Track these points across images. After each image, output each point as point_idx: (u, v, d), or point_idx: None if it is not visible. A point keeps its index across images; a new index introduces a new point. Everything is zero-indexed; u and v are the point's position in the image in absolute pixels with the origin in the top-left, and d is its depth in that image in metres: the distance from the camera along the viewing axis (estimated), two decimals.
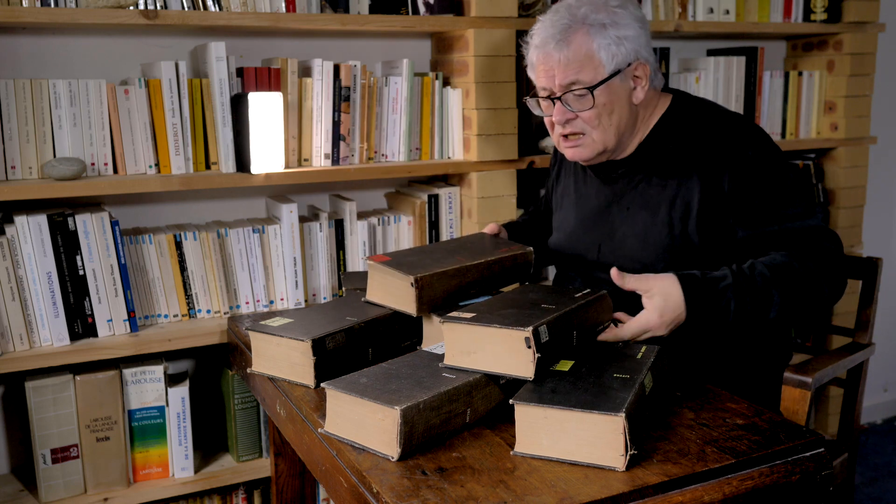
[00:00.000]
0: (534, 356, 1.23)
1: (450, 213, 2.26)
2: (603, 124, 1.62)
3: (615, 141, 1.65)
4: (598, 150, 1.65)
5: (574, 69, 1.59)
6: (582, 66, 1.59)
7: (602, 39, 1.58)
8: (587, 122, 1.62)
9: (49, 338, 1.85)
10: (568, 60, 1.59)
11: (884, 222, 3.27)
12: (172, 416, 1.95)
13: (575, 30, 1.59)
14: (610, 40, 1.59)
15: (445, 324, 1.30)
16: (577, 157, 1.68)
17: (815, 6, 2.67)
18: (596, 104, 1.60)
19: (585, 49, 1.59)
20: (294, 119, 2.06)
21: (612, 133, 1.63)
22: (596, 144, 1.64)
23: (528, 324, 1.24)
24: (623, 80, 1.61)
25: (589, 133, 1.64)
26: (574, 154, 1.67)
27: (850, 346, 1.90)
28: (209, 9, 1.92)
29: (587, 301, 1.43)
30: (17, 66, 1.96)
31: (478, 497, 1.06)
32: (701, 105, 1.71)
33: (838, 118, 2.76)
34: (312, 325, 1.50)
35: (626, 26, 1.60)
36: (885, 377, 3.38)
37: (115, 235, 1.89)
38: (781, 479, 1.16)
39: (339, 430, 1.24)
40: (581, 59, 1.59)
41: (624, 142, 1.67)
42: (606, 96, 1.60)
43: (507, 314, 1.31)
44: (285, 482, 2.04)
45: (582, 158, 1.67)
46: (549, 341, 1.26)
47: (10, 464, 2.08)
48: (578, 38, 1.59)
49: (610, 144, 1.65)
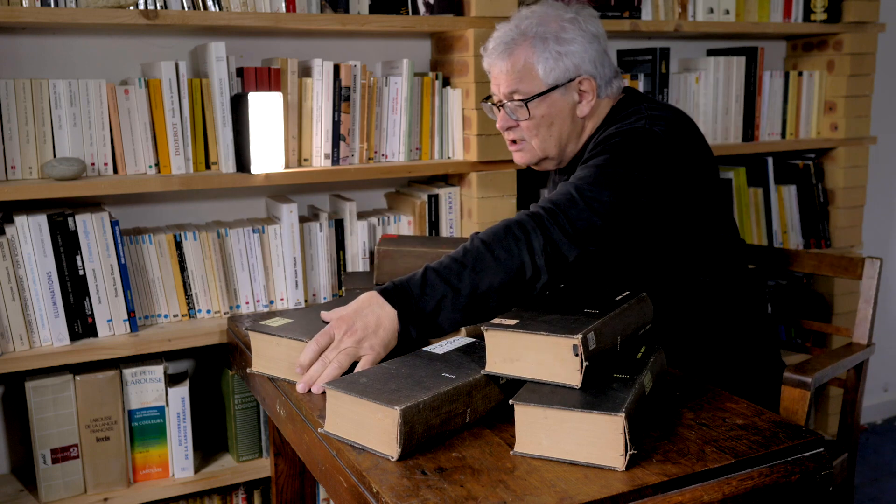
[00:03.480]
0: (581, 364, 1.19)
1: (450, 213, 2.26)
2: (541, 135, 1.66)
3: (556, 151, 1.69)
4: (539, 157, 1.70)
5: (514, 80, 1.64)
6: (521, 78, 1.63)
7: (542, 53, 1.62)
8: (526, 132, 1.67)
9: (49, 338, 1.85)
10: (510, 70, 1.64)
11: (884, 222, 3.27)
12: (172, 416, 1.95)
13: (518, 42, 1.63)
14: (549, 55, 1.62)
15: (488, 331, 1.26)
16: (519, 161, 1.75)
17: (815, 6, 2.67)
18: (532, 115, 1.64)
19: (524, 61, 1.63)
20: (294, 119, 2.06)
21: (551, 143, 1.67)
22: (535, 151, 1.69)
23: (577, 331, 1.20)
24: (565, 94, 1.64)
25: (528, 140, 1.69)
26: (517, 158, 1.74)
27: (850, 346, 1.90)
28: (209, 9, 1.92)
29: (629, 305, 1.38)
30: (17, 66, 1.96)
31: (478, 497, 1.06)
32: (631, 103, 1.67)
33: (838, 118, 2.76)
34: (312, 325, 1.50)
35: (570, 41, 1.62)
36: (885, 377, 3.39)
37: (115, 235, 1.89)
38: (781, 479, 1.16)
39: (339, 430, 1.24)
40: (520, 70, 1.63)
41: (569, 151, 1.70)
42: (545, 109, 1.64)
43: (552, 320, 1.26)
44: (285, 482, 2.04)
45: (523, 163, 1.74)
46: (596, 348, 1.22)
47: (10, 464, 2.08)
48: (520, 50, 1.63)
49: (550, 153, 1.69)
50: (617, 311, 1.33)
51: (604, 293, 1.45)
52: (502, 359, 1.26)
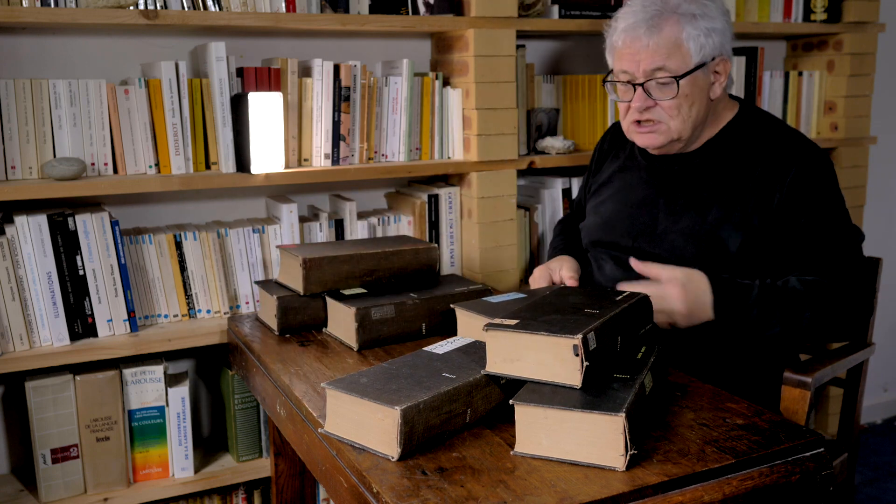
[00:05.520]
0: (582, 364, 1.18)
1: (450, 213, 2.26)
2: (682, 114, 1.62)
3: (690, 132, 1.65)
4: (672, 139, 1.66)
5: (662, 56, 1.59)
6: (670, 54, 1.59)
7: (692, 30, 1.59)
8: (666, 111, 1.63)
9: (49, 338, 1.85)
10: (657, 46, 1.59)
11: (884, 222, 3.27)
12: (172, 416, 1.95)
13: (666, 17, 1.59)
14: (699, 31, 1.59)
15: (488, 332, 1.26)
16: (648, 144, 1.68)
17: (815, 6, 2.67)
18: (679, 94, 1.60)
19: (675, 37, 1.59)
20: (294, 119, 2.06)
21: (689, 124, 1.64)
22: (671, 132, 1.65)
23: (577, 331, 1.19)
24: (705, 74, 1.62)
25: (666, 122, 1.64)
26: (646, 140, 1.68)
27: (849, 346, 1.90)
28: (209, 9, 1.92)
29: (629, 305, 1.38)
30: (17, 66, 1.96)
31: (478, 497, 1.06)
32: (767, 118, 1.72)
33: (838, 118, 2.76)
34: None
35: (714, 19, 1.61)
36: (885, 377, 3.39)
37: (115, 235, 1.89)
38: (781, 479, 1.16)
39: (339, 430, 1.24)
40: (670, 46, 1.59)
41: (695, 135, 1.68)
42: (689, 87, 1.61)
43: (552, 320, 1.26)
44: (285, 482, 2.04)
45: (654, 145, 1.68)
46: (596, 348, 1.22)
47: (10, 464, 2.08)
48: (669, 25, 1.59)
49: (685, 135, 1.65)
50: (617, 311, 1.33)
51: (604, 293, 1.45)
52: (502, 359, 1.26)
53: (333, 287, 1.76)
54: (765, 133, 1.67)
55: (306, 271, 1.73)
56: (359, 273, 1.78)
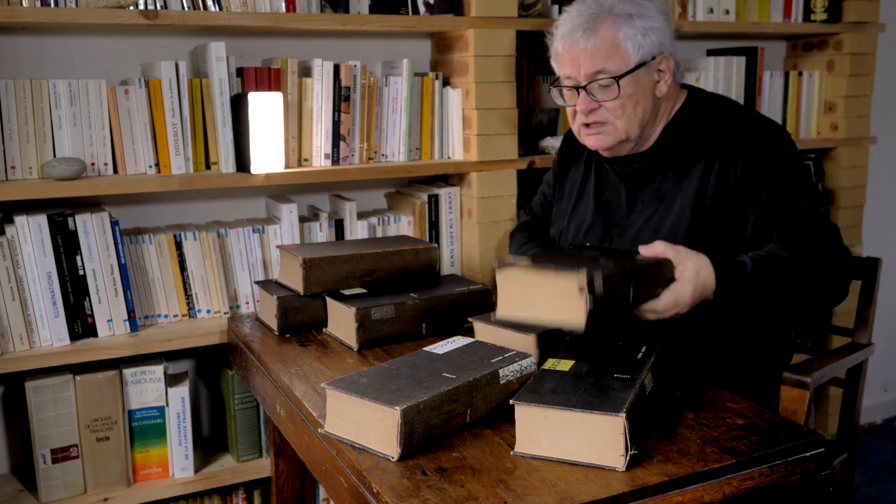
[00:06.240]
0: (586, 305, 1.17)
1: (450, 213, 2.26)
2: (627, 114, 1.63)
3: (638, 131, 1.65)
4: (620, 139, 1.66)
5: (600, 58, 1.59)
6: (608, 56, 1.59)
7: (628, 30, 1.59)
8: (611, 112, 1.63)
9: (49, 338, 1.85)
10: (594, 49, 1.60)
11: (884, 222, 3.27)
12: (172, 416, 1.95)
13: (602, 19, 1.60)
14: (636, 31, 1.59)
15: (500, 270, 1.25)
16: (598, 145, 1.68)
17: (815, 6, 2.67)
18: (621, 94, 1.60)
19: (611, 38, 1.59)
20: (294, 119, 2.06)
21: (635, 123, 1.64)
22: (619, 132, 1.65)
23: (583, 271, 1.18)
24: (647, 73, 1.62)
25: (612, 122, 1.64)
26: (595, 142, 1.68)
27: (849, 346, 1.90)
28: (209, 9, 1.92)
29: (648, 263, 1.36)
30: (17, 66, 1.96)
31: (478, 497, 1.06)
32: (716, 99, 1.73)
33: (838, 118, 2.76)
34: None
35: (651, 18, 1.61)
36: (885, 377, 3.39)
37: (115, 235, 1.89)
38: (781, 479, 1.16)
39: (339, 430, 1.24)
40: (607, 48, 1.59)
41: (646, 133, 1.68)
42: (632, 87, 1.61)
43: (565, 263, 1.26)
44: (285, 482, 2.04)
45: (603, 146, 1.68)
46: (605, 294, 1.20)
47: (10, 464, 2.08)
48: (605, 27, 1.59)
49: (633, 134, 1.65)
50: (633, 264, 1.31)
51: (625, 252, 1.44)
52: (513, 303, 1.25)
53: (333, 287, 1.77)
54: (715, 114, 1.67)
55: (306, 271, 1.73)
56: (359, 273, 1.78)
